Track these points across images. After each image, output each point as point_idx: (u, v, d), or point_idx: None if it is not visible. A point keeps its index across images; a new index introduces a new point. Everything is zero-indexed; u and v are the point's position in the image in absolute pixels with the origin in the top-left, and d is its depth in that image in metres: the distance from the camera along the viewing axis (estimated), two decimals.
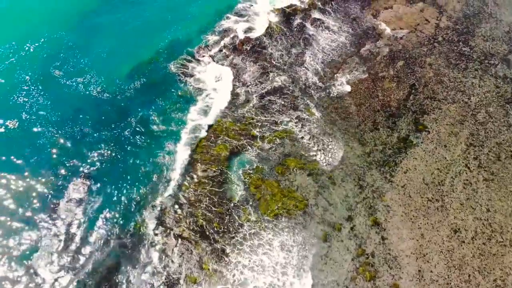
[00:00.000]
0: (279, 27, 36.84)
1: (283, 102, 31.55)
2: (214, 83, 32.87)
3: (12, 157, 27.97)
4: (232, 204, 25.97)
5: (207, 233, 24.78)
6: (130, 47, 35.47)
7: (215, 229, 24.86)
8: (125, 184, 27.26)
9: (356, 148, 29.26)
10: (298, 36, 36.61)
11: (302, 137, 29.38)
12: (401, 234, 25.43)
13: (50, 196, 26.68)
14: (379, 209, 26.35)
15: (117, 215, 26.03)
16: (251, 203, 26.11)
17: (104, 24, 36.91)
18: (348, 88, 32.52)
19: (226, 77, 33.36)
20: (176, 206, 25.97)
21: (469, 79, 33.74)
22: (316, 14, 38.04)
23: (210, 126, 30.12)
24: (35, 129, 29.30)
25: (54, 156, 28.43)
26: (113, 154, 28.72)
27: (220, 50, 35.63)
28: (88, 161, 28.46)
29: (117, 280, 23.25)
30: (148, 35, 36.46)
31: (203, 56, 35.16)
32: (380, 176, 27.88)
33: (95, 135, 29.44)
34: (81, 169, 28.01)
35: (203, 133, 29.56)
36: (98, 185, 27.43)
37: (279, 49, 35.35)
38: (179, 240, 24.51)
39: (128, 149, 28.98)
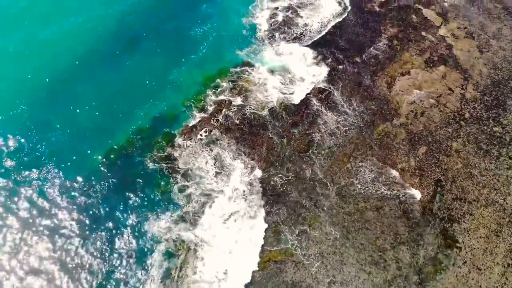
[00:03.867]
0: (280, 102, 31.26)
1: (282, 209, 26.12)
2: (200, 179, 27.32)
3: None
4: None
5: None
6: (100, 127, 29.78)
7: None
8: None
9: (374, 274, 23.98)
10: (302, 110, 31.10)
11: (310, 263, 24.02)
12: None
13: None
14: None
15: None
16: None
17: (71, 96, 31.12)
18: (360, 188, 27.18)
19: (216, 169, 27.81)
20: None
21: (503, 171, 28.54)
22: (321, 84, 32.50)
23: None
24: None
25: None
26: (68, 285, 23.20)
27: (210, 131, 30.04)
28: None
29: None
30: (123, 110, 30.81)
31: (189, 139, 29.55)
32: None
33: (46, 262, 23.75)
34: None
35: (182, 257, 24.07)
36: None
37: (279, 131, 29.83)
38: None
39: (85, 281, 23.34)
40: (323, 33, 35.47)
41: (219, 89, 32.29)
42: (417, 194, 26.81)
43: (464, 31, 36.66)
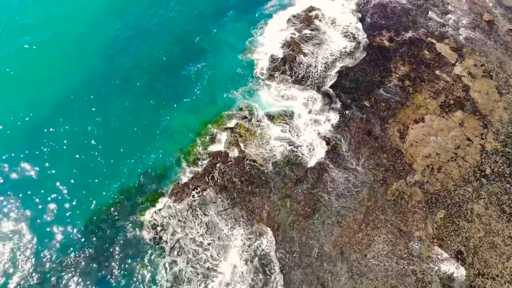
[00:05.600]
0: (283, 156, 28.05)
1: None
2: (193, 254, 24.11)
3: None
4: None
5: None
6: (79, 186, 26.41)
7: None
8: None
9: None
10: (305, 163, 27.97)
11: None
12: None
13: None
14: None
15: None
16: None
17: (47, 148, 27.64)
18: (373, 263, 24.16)
19: (211, 241, 24.63)
20: None
21: None
22: (327, 133, 29.32)
23: None
24: None
25: None
26: None
27: (204, 190, 26.81)
28: None
29: None
30: (106, 166, 27.44)
31: (180, 201, 26.32)
32: None
33: None
34: None
35: None
36: None
37: (281, 191, 26.66)
38: None
39: None
40: (330, 73, 32.21)
41: (214, 139, 29.07)
42: (445, 267, 23.83)
43: (481, 69, 33.65)
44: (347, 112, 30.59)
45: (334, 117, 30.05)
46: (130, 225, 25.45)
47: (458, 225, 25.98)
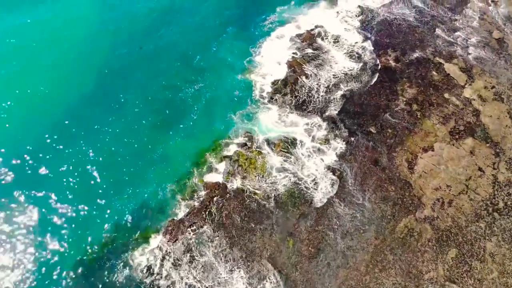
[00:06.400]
0: (286, 189, 26.40)
1: None
2: None
3: None
4: None
5: None
6: (71, 223, 24.71)
7: None
8: None
9: None
10: (310, 198, 26.34)
11: None
12: None
13: None
14: None
15: None
16: None
17: (35, 182, 25.75)
18: None
19: (209, 286, 22.97)
20: None
21: None
22: (332, 162, 27.68)
23: None
24: None
25: None
26: None
27: (201, 227, 25.11)
28: None
29: None
30: (99, 200, 25.65)
31: (175, 240, 24.61)
32: None
33: None
34: None
35: None
36: None
37: (283, 228, 25.02)
38: None
39: None
40: (334, 96, 30.49)
41: (211, 169, 27.33)
42: None
43: (492, 91, 32.07)
44: (352, 139, 28.92)
45: (339, 145, 28.38)
46: (122, 265, 23.82)
47: (470, 265, 24.49)
